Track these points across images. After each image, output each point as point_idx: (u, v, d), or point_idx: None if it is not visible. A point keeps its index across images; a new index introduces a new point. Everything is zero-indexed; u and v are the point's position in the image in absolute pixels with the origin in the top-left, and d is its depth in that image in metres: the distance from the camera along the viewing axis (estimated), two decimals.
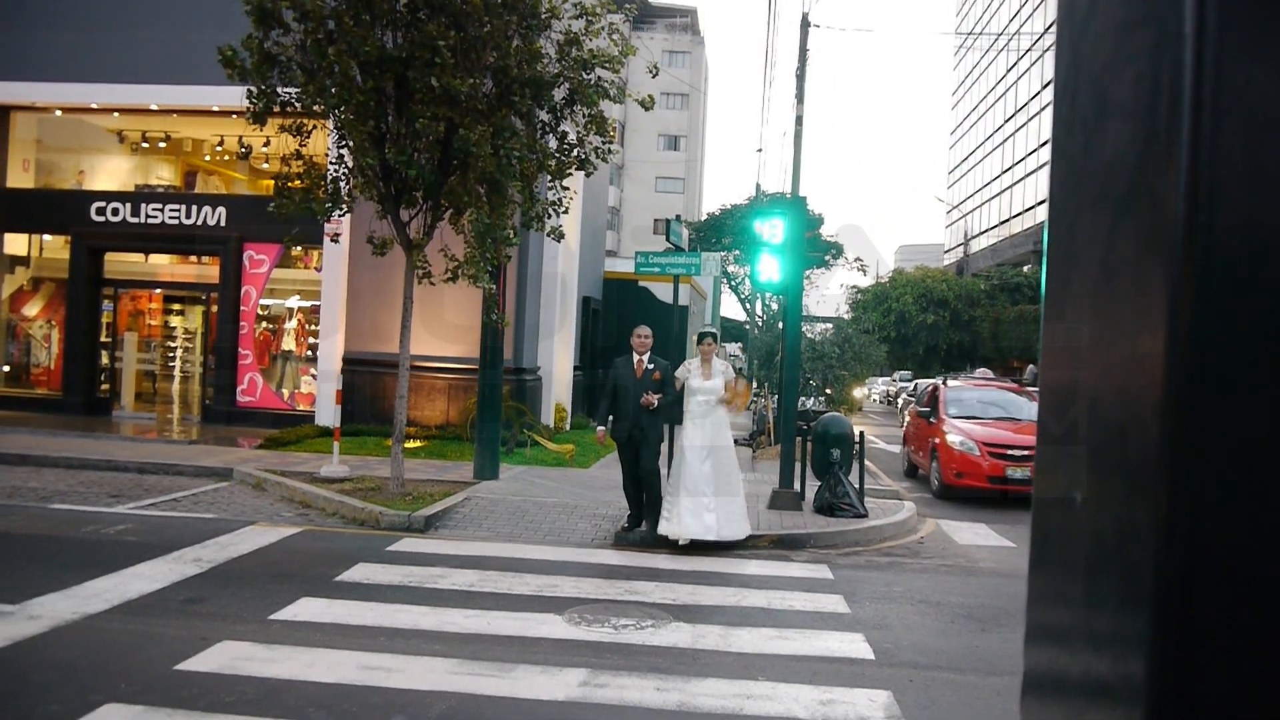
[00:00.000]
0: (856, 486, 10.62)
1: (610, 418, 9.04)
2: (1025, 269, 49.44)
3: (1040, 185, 53.28)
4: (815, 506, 10.44)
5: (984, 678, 5.55)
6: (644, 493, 8.82)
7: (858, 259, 39.75)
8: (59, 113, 17.36)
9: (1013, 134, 61.36)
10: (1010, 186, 61.13)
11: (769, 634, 6.13)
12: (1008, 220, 60.91)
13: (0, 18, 16.42)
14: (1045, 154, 52.17)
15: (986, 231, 65.79)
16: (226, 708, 4.49)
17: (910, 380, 38.94)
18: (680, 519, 8.41)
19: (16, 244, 17.58)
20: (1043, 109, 53.98)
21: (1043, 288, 1.09)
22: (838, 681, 5.28)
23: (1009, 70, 63.08)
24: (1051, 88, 1.12)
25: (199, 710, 4.44)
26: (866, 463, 11.72)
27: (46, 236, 17.63)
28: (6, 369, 17.47)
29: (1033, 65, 57.15)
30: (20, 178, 17.37)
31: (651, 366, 8.77)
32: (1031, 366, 33.97)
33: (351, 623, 5.93)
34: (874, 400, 42.32)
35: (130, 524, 8.66)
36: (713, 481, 8.43)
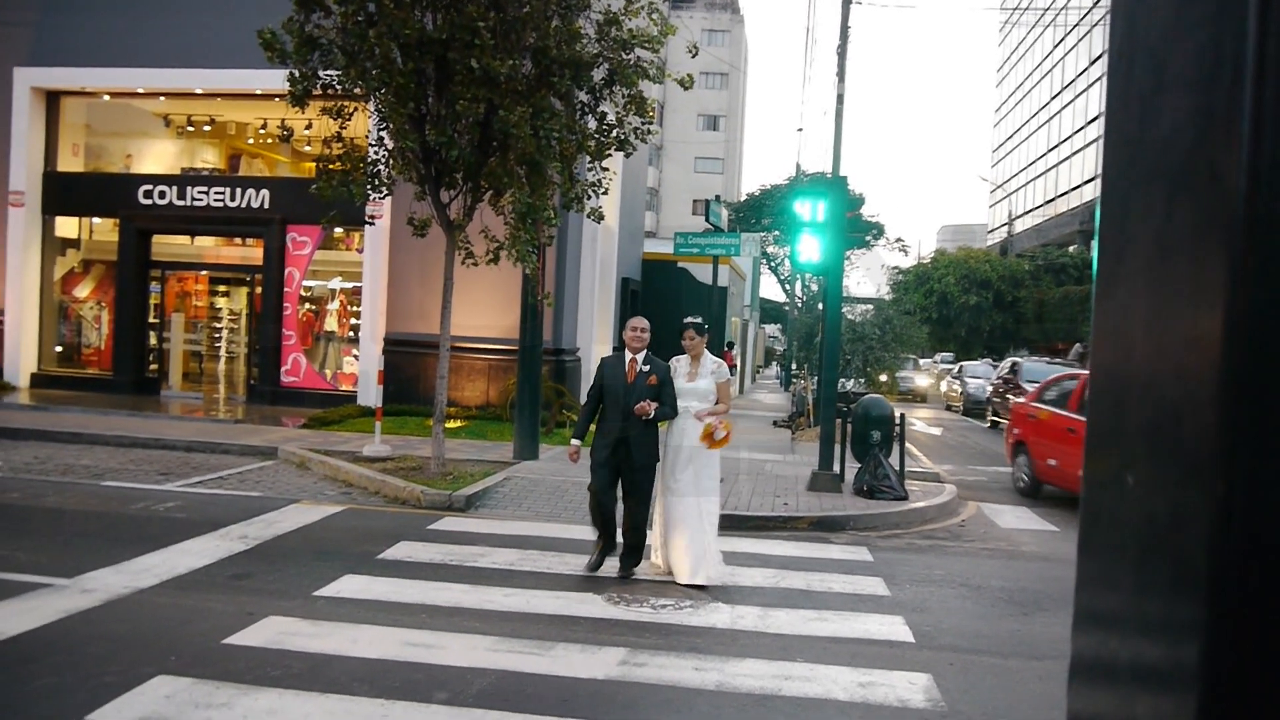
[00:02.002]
0: (897, 469, 10.55)
1: (593, 430, 7.16)
2: (1071, 249, 48.59)
3: (1087, 163, 52.28)
4: (855, 488, 10.39)
5: (1026, 662, 5.50)
6: (628, 503, 6.92)
7: (898, 239, 39.40)
8: (107, 97, 17.64)
9: (1059, 111, 60.18)
10: (1056, 165, 60.03)
11: (808, 615, 6.12)
12: (1053, 199, 59.86)
13: (50, 5, 16.70)
14: (1093, 131, 51.16)
15: (1031, 211, 64.72)
16: (273, 681, 4.58)
17: (953, 362, 38.38)
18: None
19: (67, 227, 17.93)
20: (1090, 85, 52.88)
21: (1094, 266, 1.07)
22: (877, 664, 5.26)
23: (1056, 45, 61.80)
24: (1103, 61, 1.09)
25: (246, 683, 4.53)
26: (907, 444, 11.63)
27: (96, 219, 17.96)
28: (59, 349, 17.86)
29: (1080, 40, 55.96)
30: (70, 162, 17.69)
31: (647, 369, 6.85)
32: (1078, 346, 33.37)
33: (393, 600, 6.00)
34: (943, 387, 31.90)
35: (179, 501, 8.83)
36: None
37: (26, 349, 17.20)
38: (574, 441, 7.05)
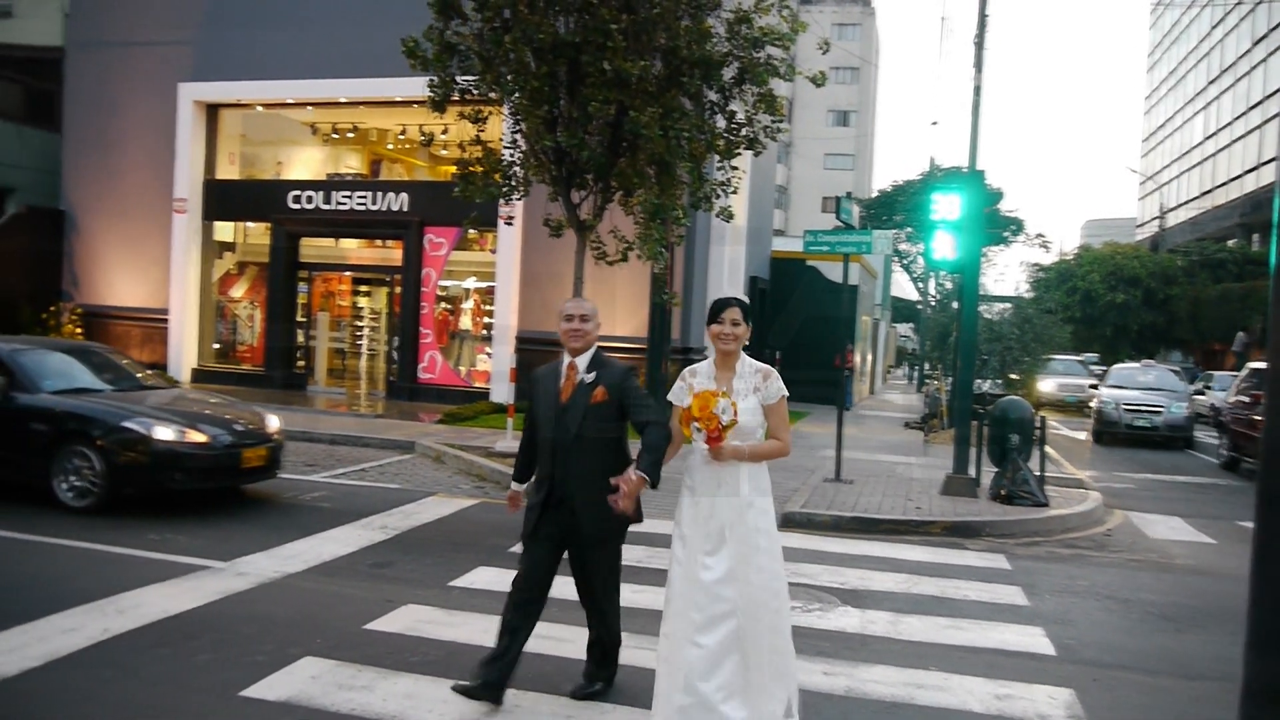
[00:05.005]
0: (1036, 473, 10.14)
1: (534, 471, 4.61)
2: (1230, 243, 45.55)
3: (1249, 152, 48.92)
4: (991, 493, 10.04)
5: (1178, 682, 5.20)
6: (585, 603, 4.61)
7: (1039, 235, 37.79)
8: (260, 108, 18.67)
9: (1217, 96, 56.55)
10: (1213, 154, 56.41)
11: (941, 623, 5.95)
12: (1210, 191, 56.27)
13: (210, 24, 17.78)
14: (1256, 117, 47.87)
15: (1185, 204, 61.01)
16: (411, 667, 4.75)
17: (1098, 364, 36.38)
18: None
19: (224, 231, 19.07)
20: (1253, 68, 49.48)
21: (1272, 261, 1.00)
22: (1015, 676, 5.07)
23: (1214, 26, 58.10)
24: (1269, 42, 1.01)
25: (386, 668, 4.71)
26: (1048, 449, 11.16)
27: (250, 224, 19.03)
28: (216, 346, 19.01)
29: (1242, 20, 52.45)
30: (227, 170, 18.79)
31: (592, 378, 4.37)
32: (1241, 334, 31.25)
33: None
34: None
35: (324, 491, 9.26)
36: (732, 654, 3.89)
37: (188, 346, 18.37)
38: (514, 485, 4.64)
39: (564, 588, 6.21)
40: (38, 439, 7.86)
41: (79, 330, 18.14)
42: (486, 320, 17.25)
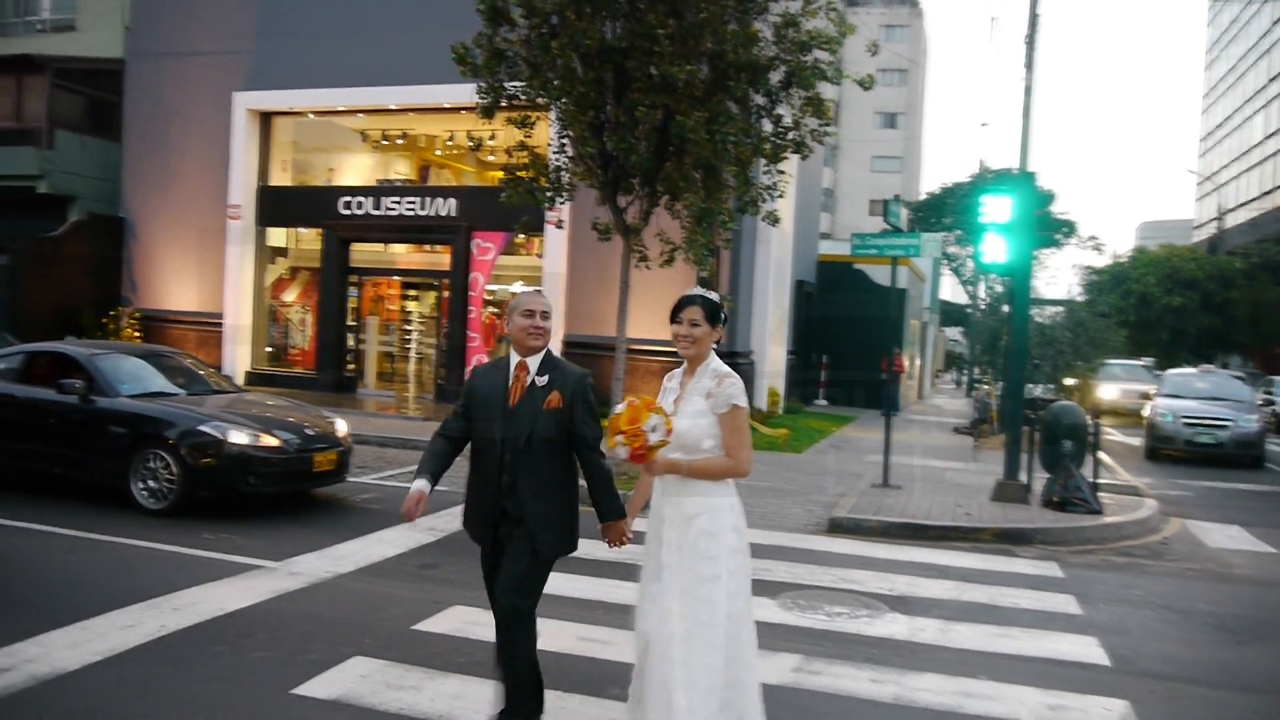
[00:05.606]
0: (1090, 480, 9.95)
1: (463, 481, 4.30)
2: None
3: None
4: (1043, 500, 9.88)
5: (1239, 695, 5.07)
6: (502, 664, 3.91)
7: (1092, 237, 37.12)
8: (312, 116, 18.99)
9: (1278, 94, 55.16)
10: (1274, 154, 54.98)
11: (991, 631, 5.86)
12: (1270, 191, 54.81)
13: (263, 34, 18.13)
14: None
15: (1245, 204, 59.50)
16: (458, 668, 4.79)
17: (1155, 368, 35.30)
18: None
19: (277, 237, 19.42)
20: None
21: None
22: (1068, 686, 4.98)
23: (1276, 22, 56.66)
24: None
25: (434, 669, 4.76)
26: (1101, 455, 10.94)
27: (301, 229, 19.36)
28: (269, 349, 19.36)
29: None
30: (279, 176, 19.14)
31: (545, 381, 3.94)
32: None
33: (570, 595, 6.15)
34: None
35: (374, 493, 9.39)
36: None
37: (242, 349, 18.73)
38: (416, 484, 3.92)
39: (601, 590, 6.24)
40: (116, 442, 8.04)
41: (137, 334, 18.59)
42: None
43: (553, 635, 5.34)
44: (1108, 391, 23.29)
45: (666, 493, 3.61)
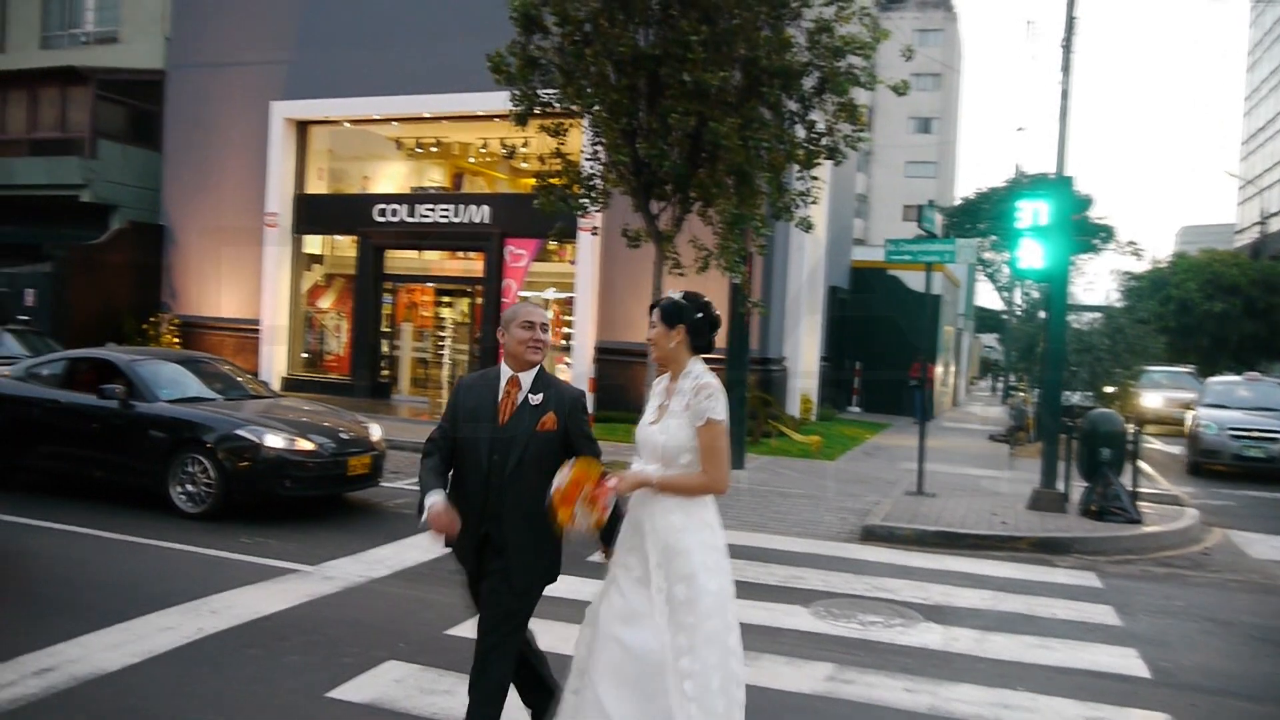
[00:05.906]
0: (1129, 489, 9.80)
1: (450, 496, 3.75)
2: None
3: None
4: (1081, 509, 9.74)
5: None
6: (476, 670, 3.68)
7: (1131, 242, 36.59)
8: (347, 125, 19.20)
9: None
10: None
11: (1029, 641, 5.78)
12: None
13: (300, 43, 18.37)
14: None
15: None
16: None
17: (1194, 377, 34.49)
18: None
19: (313, 244, 19.65)
20: None
21: None
22: (1107, 699, 4.90)
23: None
24: None
25: (467, 673, 4.74)
26: (1141, 463, 10.77)
27: (337, 237, 19.57)
28: (305, 355, 19.57)
29: None
30: (316, 184, 19.37)
31: (539, 399, 3.61)
32: None
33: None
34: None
35: (407, 498, 9.44)
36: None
37: (278, 354, 18.94)
38: (431, 498, 3.60)
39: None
40: (155, 446, 8.16)
41: (176, 340, 18.88)
42: (565, 330, 17.42)
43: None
44: (1151, 400, 22.76)
45: (643, 504, 3.41)
